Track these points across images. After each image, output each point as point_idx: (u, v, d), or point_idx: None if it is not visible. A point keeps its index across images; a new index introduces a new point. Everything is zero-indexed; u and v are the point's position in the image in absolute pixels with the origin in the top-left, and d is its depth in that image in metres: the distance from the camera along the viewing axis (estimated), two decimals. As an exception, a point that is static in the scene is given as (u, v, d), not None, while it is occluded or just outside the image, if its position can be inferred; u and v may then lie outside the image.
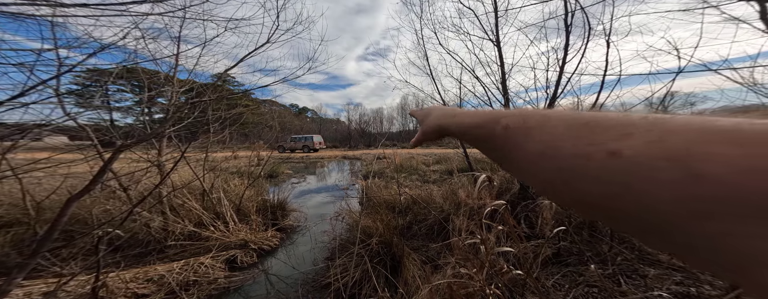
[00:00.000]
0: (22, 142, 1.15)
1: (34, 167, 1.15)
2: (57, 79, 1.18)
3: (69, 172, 1.78)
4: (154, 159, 2.07)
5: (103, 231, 1.19)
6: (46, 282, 1.40)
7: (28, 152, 1.30)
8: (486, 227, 1.11)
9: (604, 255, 1.53)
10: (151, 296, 1.63)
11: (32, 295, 1.27)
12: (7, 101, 0.93)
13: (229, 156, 4.32)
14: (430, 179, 5.78)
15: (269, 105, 29.40)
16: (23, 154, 1.27)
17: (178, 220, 2.38)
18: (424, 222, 2.71)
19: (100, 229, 1.29)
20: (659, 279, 1.33)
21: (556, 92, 2.25)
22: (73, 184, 1.89)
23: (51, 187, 1.89)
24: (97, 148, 1.34)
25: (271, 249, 2.55)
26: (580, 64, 2.11)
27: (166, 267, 1.89)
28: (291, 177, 7.53)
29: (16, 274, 0.89)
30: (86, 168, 1.52)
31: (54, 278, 1.38)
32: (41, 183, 2.10)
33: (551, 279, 1.39)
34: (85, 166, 1.45)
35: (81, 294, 1.35)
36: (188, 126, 2.21)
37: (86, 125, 1.33)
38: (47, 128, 1.09)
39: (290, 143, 18.79)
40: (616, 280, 1.35)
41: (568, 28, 2.14)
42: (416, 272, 1.73)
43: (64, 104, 1.17)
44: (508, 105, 2.77)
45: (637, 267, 1.43)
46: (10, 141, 1.12)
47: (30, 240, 1.68)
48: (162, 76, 2.37)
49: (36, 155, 1.18)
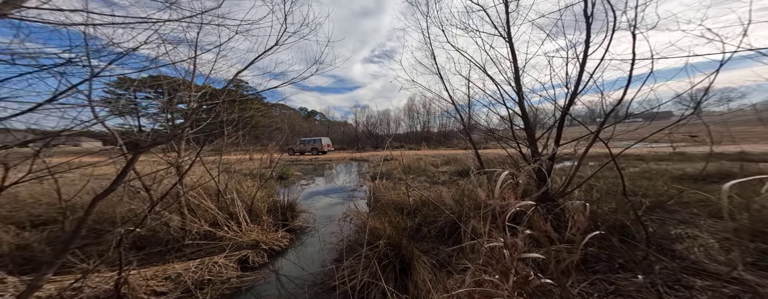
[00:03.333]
0: (62, 146, 1.23)
1: (67, 168, 1.23)
2: (89, 84, 1.25)
3: (99, 173, 1.90)
4: (174, 160, 2.16)
5: (125, 230, 1.24)
6: (74, 277, 1.48)
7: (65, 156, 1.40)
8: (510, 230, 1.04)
9: (639, 263, 1.40)
10: (169, 294, 1.68)
11: (62, 290, 1.34)
12: (42, 104, 1.00)
13: (243, 158, 4.44)
14: (439, 180, 5.68)
15: (279, 108, 30.24)
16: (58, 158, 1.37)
17: (195, 220, 2.46)
18: (433, 224, 2.65)
19: (122, 227, 1.35)
20: (707, 291, 1.18)
21: (576, 88, 2.13)
22: (102, 185, 2.01)
23: (84, 188, 2.02)
24: (121, 149, 1.41)
25: (281, 250, 2.57)
26: (603, 58, 1.98)
27: (183, 265, 1.95)
28: (300, 179, 7.64)
29: (45, 270, 0.94)
30: (112, 169, 1.61)
31: (81, 273, 1.47)
32: (75, 184, 2.25)
33: (577, 287, 1.29)
34: (113, 168, 1.53)
35: (105, 290, 1.42)
36: (204, 129, 2.30)
37: (115, 129, 1.41)
38: (79, 132, 1.16)
39: (299, 145, 19.16)
40: (656, 291, 1.21)
41: (588, 21, 2.01)
42: (427, 276, 1.68)
43: (95, 109, 1.25)
44: (522, 102, 2.67)
45: (680, 278, 1.29)
46: (48, 144, 1.20)
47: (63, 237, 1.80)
48: (181, 81, 2.48)
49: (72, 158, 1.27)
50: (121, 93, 2.40)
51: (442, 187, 4.18)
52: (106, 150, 1.48)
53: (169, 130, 1.90)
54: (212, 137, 3.20)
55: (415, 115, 32.54)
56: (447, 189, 3.82)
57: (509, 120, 2.91)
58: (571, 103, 2.19)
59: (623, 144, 2.07)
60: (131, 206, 2.29)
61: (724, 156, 4.13)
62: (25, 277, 1.37)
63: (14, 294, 1.20)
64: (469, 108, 3.76)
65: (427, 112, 31.06)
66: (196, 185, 2.61)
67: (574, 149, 2.33)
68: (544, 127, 2.79)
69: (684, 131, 1.78)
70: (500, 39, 2.79)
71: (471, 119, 3.80)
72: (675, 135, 1.96)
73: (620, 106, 1.98)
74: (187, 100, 2.29)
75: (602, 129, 1.92)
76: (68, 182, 2.11)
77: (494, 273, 0.98)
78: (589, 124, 2.38)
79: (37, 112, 1.01)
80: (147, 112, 3.39)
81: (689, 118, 1.74)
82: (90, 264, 1.42)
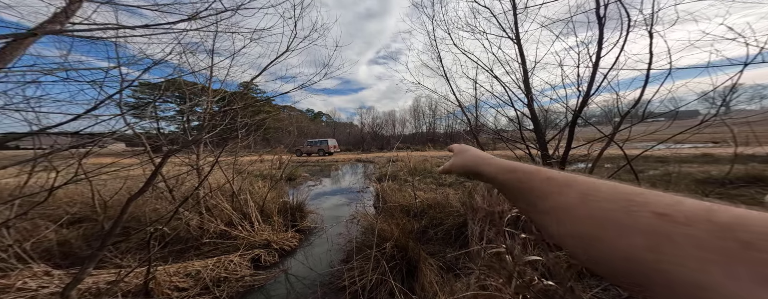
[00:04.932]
0: (94, 149, 1.34)
1: (101, 171, 1.34)
2: (120, 93, 1.36)
3: (128, 175, 2.04)
4: (194, 163, 2.28)
5: (154, 228, 1.34)
6: (108, 272, 1.60)
7: (97, 158, 1.53)
8: (509, 235, 1.05)
9: None
10: (189, 290, 1.77)
11: (98, 284, 1.46)
12: (86, 113, 1.10)
13: (255, 160, 4.58)
14: (446, 182, 5.66)
15: (288, 111, 30.82)
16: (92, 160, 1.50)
17: (212, 219, 2.58)
18: (440, 226, 2.66)
19: (151, 226, 1.45)
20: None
21: (589, 89, 2.07)
22: (130, 186, 2.15)
23: (112, 188, 2.17)
24: (149, 154, 1.52)
25: (291, 250, 2.63)
26: (618, 58, 1.91)
27: (201, 263, 2.05)
28: (308, 180, 7.77)
29: (88, 264, 1.03)
30: (141, 171, 1.72)
31: (114, 268, 1.58)
32: (106, 185, 2.42)
33: (589, 293, 1.28)
34: (140, 170, 1.65)
35: (136, 285, 1.53)
36: (219, 132, 2.41)
37: (140, 133, 1.52)
38: (113, 136, 1.27)
39: (307, 147, 19.46)
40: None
41: (601, 21, 1.96)
42: (433, 278, 1.70)
43: (125, 115, 1.35)
44: (531, 104, 2.62)
45: None
46: (85, 148, 1.31)
47: (98, 234, 1.94)
48: (199, 87, 2.62)
49: (102, 160, 1.38)
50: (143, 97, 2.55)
51: (448, 189, 4.17)
52: (135, 154, 1.61)
53: (187, 132, 2.02)
54: (226, 140, 3.33)
55: (420, 116, 32.45)
56: (454, 191, 3.81)
57: (518, 121, 2.88)
58: (584, 104, 2.12)
59: (643, 145, 2.00)
60: (156, 206, 2.44)
61: (755, 158, 3.90)
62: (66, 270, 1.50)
63: (59, 286, 1.32)
64: (476, 109, 3.73)
65: (433, 114, 30.85)
66: (215, 187, 2.73)
67: (587, 151, 2.28)
68: (556, 129, 2.74)
69: (710, 131, 1.69)
70: (508, 40, 2.78)
71: (478, 120, 3.78)
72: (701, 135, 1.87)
73: (638, 107, 1.91)
74: (205, 104, 2.41)
75: (618, 131, 1.88)
76: (99, 182, 2.27)
77: (498, 278, 0.99)
78: (605, 125, 2.32)
79: (81, 119, 1.11)
80: (166, 115, 3.56)
81: (715, 118, 1.65)
82: (122, 260, 1.53)
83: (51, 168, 1.35)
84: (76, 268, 1.07)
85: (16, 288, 1.28)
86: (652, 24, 1.74)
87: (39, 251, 1.79)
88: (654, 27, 1.73)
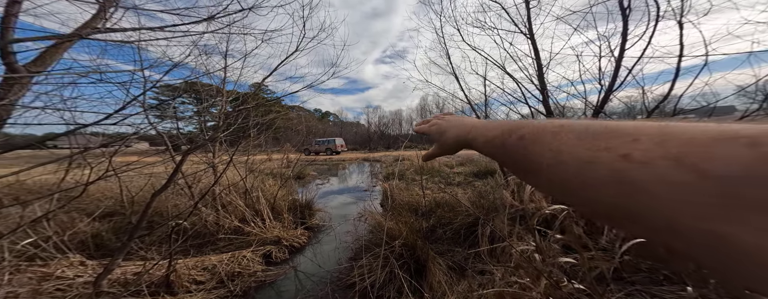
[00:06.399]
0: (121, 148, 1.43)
1: (129, 168, 1.43)
2: (143, 95, 1.44)
3: (152, 172, 2.16)
4: (210, 161, 2.37)
5: (175, 223, 1.41)
6: (134, 264, 1.71)
7: (123, 156, 1.63)
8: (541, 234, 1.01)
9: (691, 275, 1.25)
10: (206, 283, 1.85)
11: (126, 274, 1.56)
12: (115, 113, 1.17)
13: (265, 158, 4.71)
14: (454, 182, 5.60)
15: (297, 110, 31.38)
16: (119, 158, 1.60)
17: (227, 215, 2.67)
18: (449, 225, 2.64)
19: (173, 221, 1.53)
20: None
21: (612, 85, 1.96)
22: (154, 182, 2.28)
23: (138, 185, 2.30)
24: (170, 152, 1.60)
25: (300, 247, 2.67)
26: (645, 51, 1.78)
27: (217, 257, 2.13)
28: (316, 179, 7.88)
29: (117, 255, 1.11)
30: (162, 169, 1.82)
31: (140, 261, 1.68)
32: (132, 181, 2.56)
33: (613, 298, 1.22)
34: (162, 167, 1.74)
35: (158, 276, 1.62)
36: (233, 131, 2.50)
37: (162, 133, 1.61)
38: (137, 136, 1.35)
39: (315, 146, 19.77)
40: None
41: (624, 13, 1.84)
42: (442, 277, 1.69)
43: (149, 115, 1.43)
44: (546, 100, 2.52)
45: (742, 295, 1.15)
46: (114, 147, 1.40)
47: (126, 227, 2.06)
48: (214, 88, 2.72)
49: (128, 158, 1.47)
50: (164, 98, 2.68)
51: (457, 189, 4.12)
52: (157, 152, 1.70)
53: (203, 131, 2.11)
54: (238, 139, 3.44)
55: (428, 114, 32.16)
56: (463, 190, 3.76)
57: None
58: (606, 100, 2.00)
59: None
60: (176, 202, 2.56)
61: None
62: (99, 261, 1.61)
63: (92, 275, 1.42)
64: (485, 106, 3.65)
65: (440, 112, 30.51)
66: (231, 184, 2.83)
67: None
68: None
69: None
70: (520, 35, 2.69)
71: (488, 118, 3.71)
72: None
73: (667, 102, 1.77)
74: (220, 105, 2.50)
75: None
76: (125, 178, 2.41)
77: (524, 276, 0.97)
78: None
79: (111, 119, 1.19)
80: (184, 115, 3.71)
81: (758, 113, 1.50)
82: (147, 252, 1.62)
83: (85, 165, 1.45)
84: (107, 259, 1.15)
85: (56, 276, 1.39)
86: (681, 14, 1.61)
87: (75, 242, 1.91)
88: (685, 16, 1.60)
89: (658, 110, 1.83)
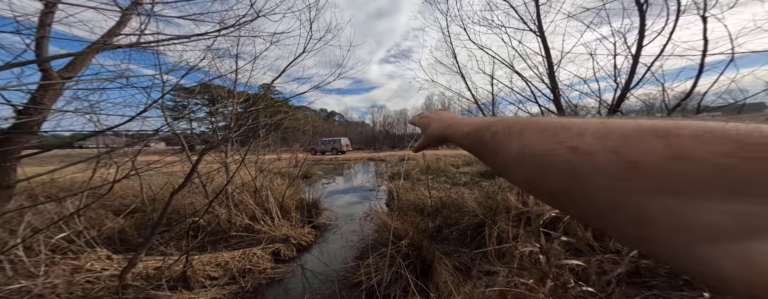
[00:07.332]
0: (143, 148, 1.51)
1: (150, 167, 1.51)
2: (162, 98, 1.51)
3: (170, 171, 2.27)
4: (222, 160, 2.46)
5: (192, 220, 1.48)
6: (155, 259, 1.80)
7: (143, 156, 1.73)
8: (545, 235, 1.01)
9: None
10: (219, 279, 1.92)
11: (148, 269, 1.65)
12: (138, 115, 1.25)
13: (274, 158, 4.82)
14: (460, 181, 5.55)
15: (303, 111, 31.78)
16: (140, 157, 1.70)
17: (238, 214, 2.76)
18: (455, 226, 2.63)
19: (190, 218, 1.60)
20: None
21: (629, 83, 1.88)
22: (172, 181, 2.39)
23: (157, 183, 2.42)
24: (186, 152, 1.68)
25: (307, 245, 2.71)
26: (665, 47, 1.70)
27: (229, 254, 2.21)
28: (322, 178, 7.98)
29: (141, 250, 1.17)
30: (179, 168, 1.91)
31: (160, 256, 1.77)
32: (152, 180, 2.70)
33: None
34: (178, 167, 1.82)
35: (175, 271, 1.70)
36: (243, 132, 2.57)
37: (179, 133, 1.69)
38: (157, 137, 1.42)
39: (321, 146, 20.01)
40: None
41: (641, 8, 1.77)
42: (448, 278, 1.70)
43: (167, 117, 1.50)
44: (558, 99, 2.45)
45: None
46: (137, 146, 1.48)
47: (147, 223, 2.17)
48: (225, 90, 2.81)
49: (148, 158, 1.55)
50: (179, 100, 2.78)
51: (463, 189, 4.09)
52: (176, 152, 1.79)
53: (216, 132, 2.20)
54: (248, 140, 3.54)
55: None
56: (469, 191, 3.73)
57: (542, 118, 2.73)
58: (622, 98, 1.91)
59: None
60: (192, 200, 2.66)
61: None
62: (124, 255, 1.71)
63: (117, 269, 1.51)
64: (492, 106, 3.60)
65: (443, 111, 30.18)
66: (243, 183, 2.91)
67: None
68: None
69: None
70: (529, 34, 2.63)
71: (495, 118, 3.65)
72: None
73: (689, 100, 1.69)
74: (231, 106, 2.59)
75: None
76: (145, 177, 2.53)
77: (529, 277, 0.97)
78: (647, 120, 2.10)
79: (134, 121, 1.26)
80: (198, 117, 3.84)
81: None
82: (166, 248, 1.71)
83: (111, 164, 1.54)
84: (131, 253, 1.23)
85: (86, 269, 1.50)
86: (704, 8, 1.54)
87: (103, 238, 2.02)
88: (709, 11, 1.52)
89: (679, 108, 1.75)
